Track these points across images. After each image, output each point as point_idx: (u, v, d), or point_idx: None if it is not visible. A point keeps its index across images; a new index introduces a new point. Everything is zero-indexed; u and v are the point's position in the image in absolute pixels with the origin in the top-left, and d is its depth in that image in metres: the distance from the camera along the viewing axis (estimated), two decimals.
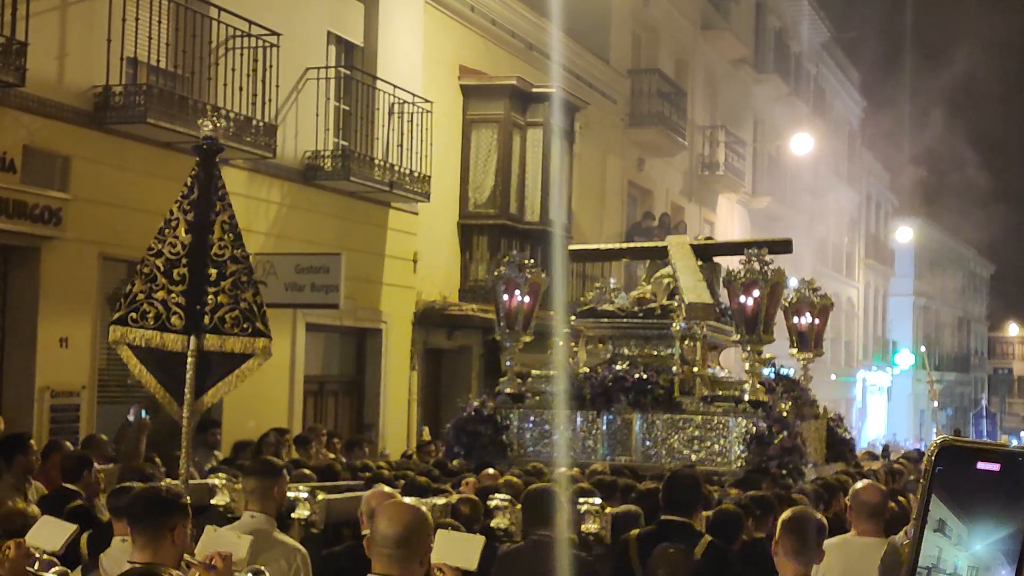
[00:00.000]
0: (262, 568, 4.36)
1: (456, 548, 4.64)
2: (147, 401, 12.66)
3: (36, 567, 4.49)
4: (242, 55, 13.16)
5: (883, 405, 49.23)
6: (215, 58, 12.96)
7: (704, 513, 7.11)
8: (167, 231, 6.27)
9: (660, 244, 14.44)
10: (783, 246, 13.79)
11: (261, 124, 13.22)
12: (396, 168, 15.83)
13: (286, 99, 14.37)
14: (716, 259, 14.00)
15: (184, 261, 6.20)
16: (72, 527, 5.10)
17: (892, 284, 50.96)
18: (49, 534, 4.89)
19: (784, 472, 11.21)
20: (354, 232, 15.57)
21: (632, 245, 17.19)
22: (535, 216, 18.94)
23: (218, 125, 6.70)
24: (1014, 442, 43.85)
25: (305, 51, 14.83)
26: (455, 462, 11.21)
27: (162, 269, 6.22)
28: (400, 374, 16.95)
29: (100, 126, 11.71)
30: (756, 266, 11.81)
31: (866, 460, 15.62)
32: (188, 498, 4.64)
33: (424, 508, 4.12)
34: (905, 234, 49.61)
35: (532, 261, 13.45)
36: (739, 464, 11.60)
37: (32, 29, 10.62)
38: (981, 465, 1.24)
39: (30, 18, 10.63)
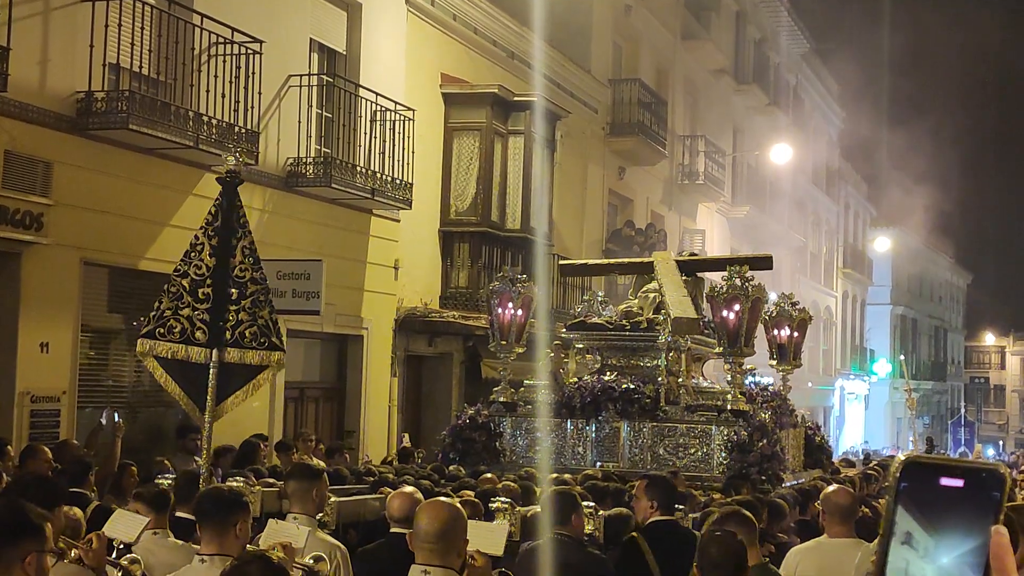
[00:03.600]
0: (322, 555, 4.93)
1: (484, 536, 4.99)
2: (123, 406, 12.68)
3: (114, 555, 5.03)
4: (225, 62, 13.15)
5: (860, 413, 49.42)
6: (198, 65, 12.93)
7: (691, 515, 7.78)
8: (192, 254, 6.84)
9: (646, 260, 14.96)
10: (763, 263, 14.33)
11: (243, 131, 13.20)
12: (378, 175, 15.83)
13: (268, 106, 14.37)
14: (700, 274, 14.45)
15: (208, 282, 6.78)
16: (144, 520, 5.54)
17: (870, 293, 51.18)
18: (125, 526, 5.37)
19: (764, 478, 11.62)
20: (335, 239, 15.57)
21: (620, 261, 17.75)
22: (516, 224, 18.98)
23: (242, 160, 7.29)
24: (990, 451, 43.74)
25: (288, 58, 14.83)
26: (451, 468, 11.48)
27: (188, 288, 6.78)
28: (381, 380, 16.94)
29: (82, 132, 11.68)
30: (737, 282, 12.26)
31: (843, 467, 15.96)
32: (248, 497, 5.25)
33: (459, 505, 4.61)
34: (883, 244, 49.90)
35: (524, 276, 13.82)
36: (721, 470, 12.05)
37: (15, 35, 10.59)
38: (945, 481, 1.25)
39: (12, 23, 10.60)
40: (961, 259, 65.29)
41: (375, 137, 16.07)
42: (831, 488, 6.56)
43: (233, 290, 6.80)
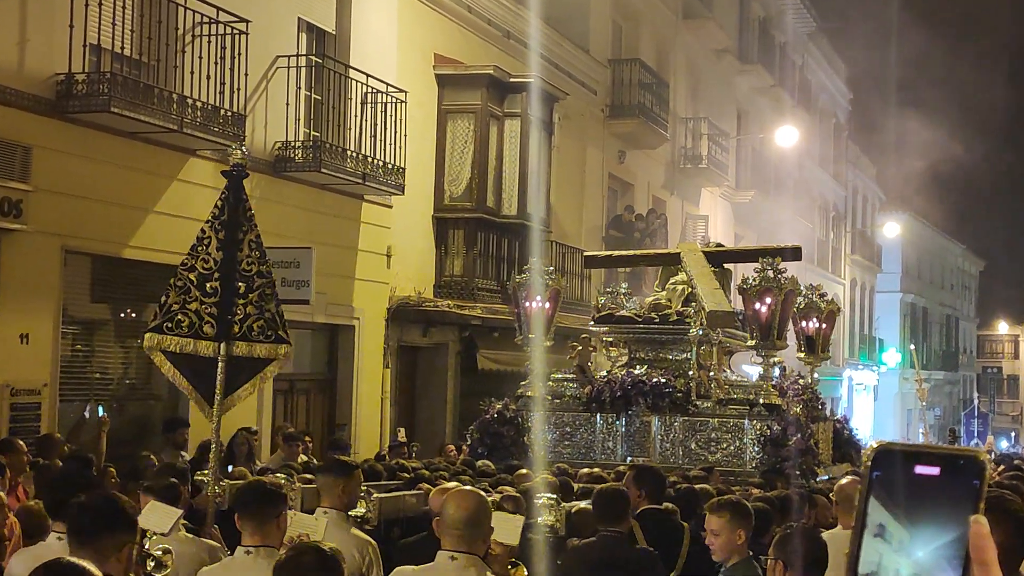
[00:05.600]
0: (334, 545, 5.12)
1: (501, 526, 5.25)
2: (108, 399, 12.69)
3: (147, 547, 5.27)
4: (210, 42, 13.12)
5: (870, 404, 49.44)
6: (182, 45, 12.90)
7: None
8: (200, 248, 7.11)
9: (673, 251, 15.39)
10: (792, 253, 14.52)
11: (229, 114, 13.18)
12: (369, 160, 15.81)
13: (255, 88, 14.34)
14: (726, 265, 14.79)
15: (216, 275, 7.04)
16: (178, 512, 5.81)
17: (879, 281, 51.19)
18: (158, 517, 5.58)
19: (798, 472, 11.93)
20: (326, 225, 15.55)
21: (646, 252, 18.16)
22: (512, 209, 18.97)
23: (247, 154, 7.64)
24: (1003, 443, 43.61)
25: (275, 39, 14.80)
26: (480, 463, 11.71)
27: (195, 282, 7.03)
28: (373, 372, 16.94)
29: (62, 115, 11.66)
30: (770, 274, 12.60)
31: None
32: (284, 489, 5.57)
33: (483, 494, 4.99)
34: (892, 229, 49.80)
35: (552, 268, 14.05)
36: (754, 465, 12.38)
37: None
38: (920, 469, 1.23)
39: None
40: (973, 245, 65.33)
41: (366, 120, 16.05)
42: (844, 480, 6.77)
43: (240, 284, 7.04)
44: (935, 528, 1.21)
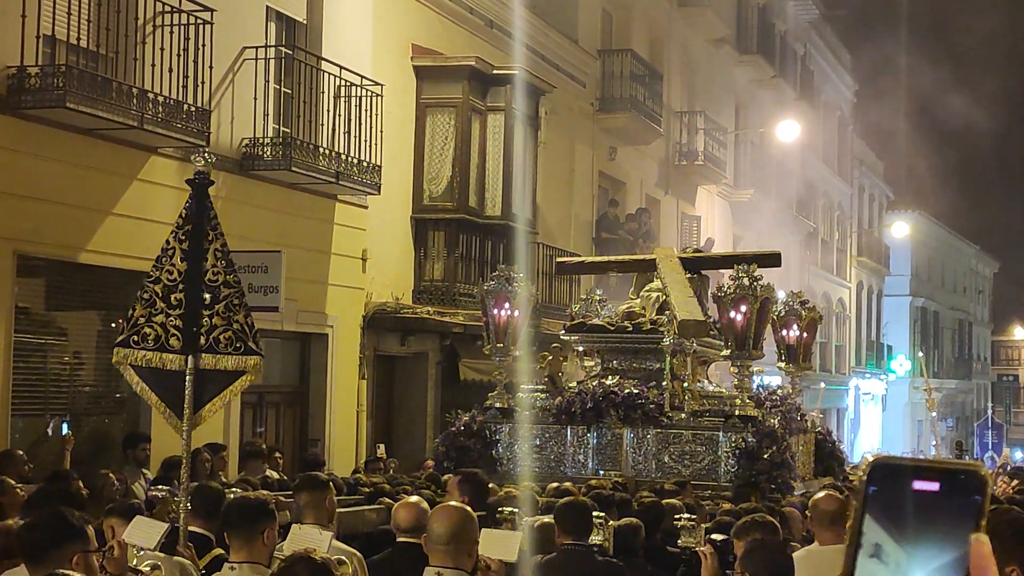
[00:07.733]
0: (344, 558, 5.60)
1: (499, 543, 5.53)
2: (64, 413, 12.68)
3: (135, 563, 5.58)
4: (172, 33, 13.12)
5: (877, 415, 49.61)
6: (142, 36, 12.90)
7: (703, 526, 8.33)
8: (164, 259, 7.32)
9: (648, 257, 15.49)
10: (771, 259, 14.79)
11: (193, 109, 13.19)
12: (343, 157, 15.83)
13: (221, 81, 14.35)
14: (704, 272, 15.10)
15: (181, 287, 7.25)
16: (164, 526, 5.98)
17: (887, 284, 51.38)
18: (145, 533, 5.76)
19: (773, 487, 12.18)
20: (297, 227, 15.57)
21: (620, 258, 18.41)
22: (496, 210, 19.00)
23: (210, 161, 7.84)
24: (1018, 454, 43.51)
25: (242, 29, 14.81)
26: (445, 477, 11.81)
27: (160, 294, 7.26)
28: (348, 383, 16.95)
29: (14, 111, 11.65)
30: (745, 282, 12.75)
31: (855, 474, 16.30)
32: (273, 504, 5.84)
33: (469, 509, 5.34)
34: (901, 229, 50.01)
35: (522, 275, 14.21)
36: (728, 478, 12.60)
37: None
38: (918, 485, 1.25)
39: None
40: (987, 246, 65.59)
41: (339, 115, 16.06)
42: (819, 495, 6.97)
43: (206, 295, 7.25)
44: (934, 547, 1.22)
